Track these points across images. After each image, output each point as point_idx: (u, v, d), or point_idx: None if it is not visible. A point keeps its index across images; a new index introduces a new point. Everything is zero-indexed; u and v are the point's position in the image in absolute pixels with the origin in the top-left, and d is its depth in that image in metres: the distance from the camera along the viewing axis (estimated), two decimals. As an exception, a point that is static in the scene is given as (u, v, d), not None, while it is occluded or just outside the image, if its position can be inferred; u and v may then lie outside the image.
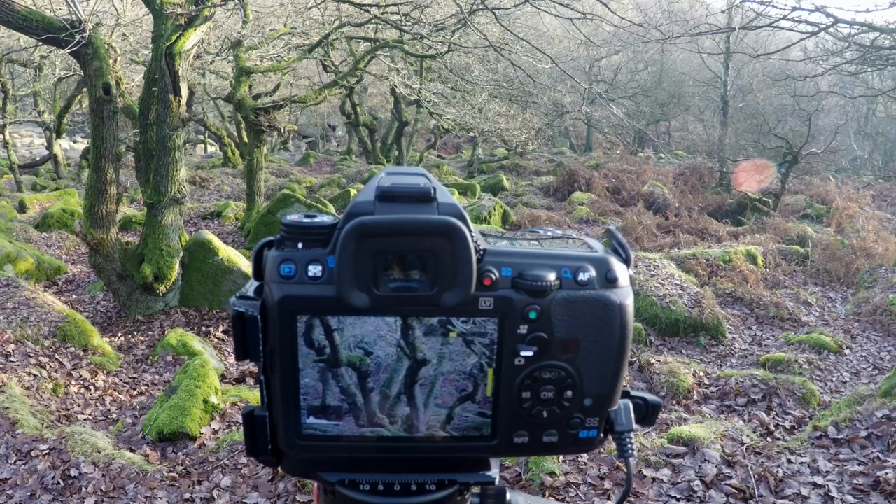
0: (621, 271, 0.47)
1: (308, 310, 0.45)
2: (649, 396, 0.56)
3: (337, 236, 0.45)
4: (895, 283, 9.33)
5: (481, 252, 0.46)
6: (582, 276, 0.46)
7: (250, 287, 0.49)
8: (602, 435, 0.55)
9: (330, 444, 0.49)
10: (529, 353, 0.47)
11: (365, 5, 10.76)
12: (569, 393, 0.48)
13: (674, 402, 5.82)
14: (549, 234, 0.54)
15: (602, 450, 4.54)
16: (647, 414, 0.58)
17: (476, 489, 0.59)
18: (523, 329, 0.47)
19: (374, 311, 0.46)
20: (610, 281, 0.47)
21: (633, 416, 0.54)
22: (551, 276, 0.46)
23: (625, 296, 0.47)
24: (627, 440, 0.54)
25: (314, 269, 0.45)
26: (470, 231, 0.45)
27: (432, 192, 0.45)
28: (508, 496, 0.60)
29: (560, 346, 0.47)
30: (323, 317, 0.46)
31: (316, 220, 0.47)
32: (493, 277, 0.46)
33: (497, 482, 0.56)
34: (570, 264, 0.46)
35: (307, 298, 0.45)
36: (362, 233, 0.44)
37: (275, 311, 0.45)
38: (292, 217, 0.47)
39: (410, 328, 0.46)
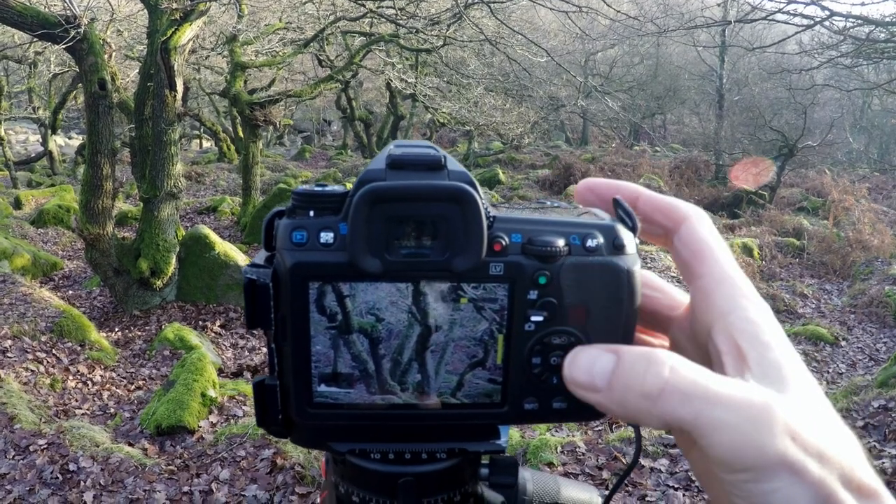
0: (628, 239, 0.47)
1: (320, 276, 0.46)
2: None
3: (349, 203, 0.45)
4: (891, 275, 9.37)
5: (491, 218, 0.46)
6: (590, 243, 0.46)
7: (260, 257, 0.49)
8: None
9: (341, 412, 0.49)
10: (539, 319, 0.47)
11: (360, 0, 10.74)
12: None
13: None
14: (557, 205, 0.54)
15: (599, 440, 4.56)
16: None
17: (486, 460, 0.59)
18: (533, 294, 0.46)
19: (386, 277, 0.46)
20: (617, 248, 0.47)
21: None
22: (560, 242, 0.46)
23: (632, 262, 0.47)
24: None
25: (326, 236, 0.45)
26: (480, 197, 0.45)
27: (442, 160, 0.46)
28: None
29: (569, 312, 0.47)
30: (335, 283, 0.46)
31: (327, 188, 0.47)
32: (504, 243, 0.46)
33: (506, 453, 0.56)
34: (578, 231, 0.47)
35: (319, 265, 0.45)
36: (375, 198, 0.44)
37: (287, 277, 0.45)
38: (303, 187, 0.48)
39: (422, 294, 0.46)
